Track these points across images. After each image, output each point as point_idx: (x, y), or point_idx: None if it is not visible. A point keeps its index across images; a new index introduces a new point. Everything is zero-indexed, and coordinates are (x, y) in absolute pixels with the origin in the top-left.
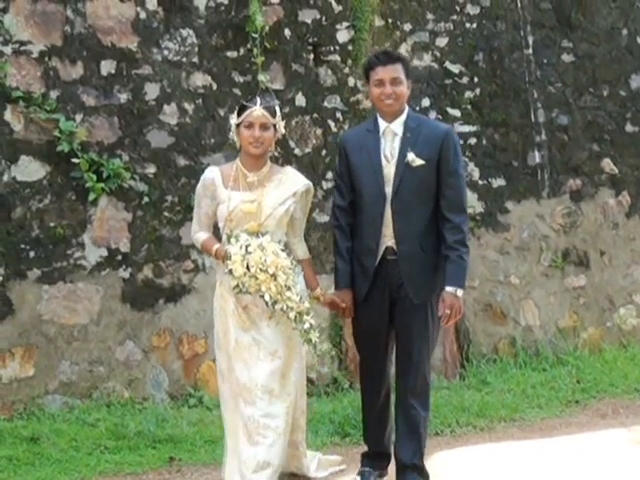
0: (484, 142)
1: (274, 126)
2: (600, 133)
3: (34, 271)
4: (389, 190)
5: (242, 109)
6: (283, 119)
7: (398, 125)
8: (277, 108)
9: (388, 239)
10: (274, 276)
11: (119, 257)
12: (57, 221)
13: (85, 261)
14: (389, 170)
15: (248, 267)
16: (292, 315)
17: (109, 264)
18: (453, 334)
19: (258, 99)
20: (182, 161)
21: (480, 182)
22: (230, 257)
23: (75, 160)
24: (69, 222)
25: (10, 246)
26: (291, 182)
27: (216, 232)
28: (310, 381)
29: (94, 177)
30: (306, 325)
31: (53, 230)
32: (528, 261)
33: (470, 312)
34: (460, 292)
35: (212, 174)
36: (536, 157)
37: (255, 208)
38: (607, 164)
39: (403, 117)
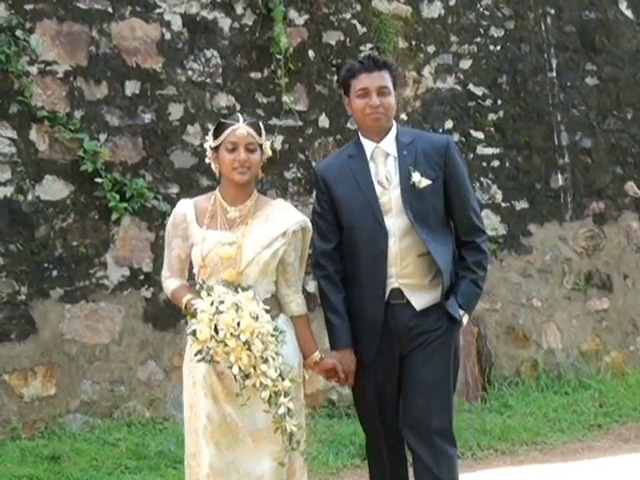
0: (507, 164)
1: (260, 147)
2: (624, 156)
3: (57, 290)
4: (392, 221)
5: (221, 128)
6: (268, 139)
7: (389, 143)
8: (261, 125)
9: (394, 280)
10: (247, 344)
11: (141, 277)
12: (80, 240)
13: (107, 280)
14: (387, 199)
15: (217, 330)
16: (265, 395)
17: (131, 284)
18: (475, 356)
19: (240, 116)
20: (205, 181)
21: (503, 204)
22: (196, 315)
23: (98, 180)
24: (92, 241)
25: (33, 265)
26: (280, 219)
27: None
28: (331, 402)
29: (117, 197)
30: (281, 410)
31: (76, 249)
32: (550, 284)
33: (492, 335)
34: (465, 319)
35: (183, 209)
36: (559, 180)
37: (234, 252)
38: (631, 187)
39: (392, 133)
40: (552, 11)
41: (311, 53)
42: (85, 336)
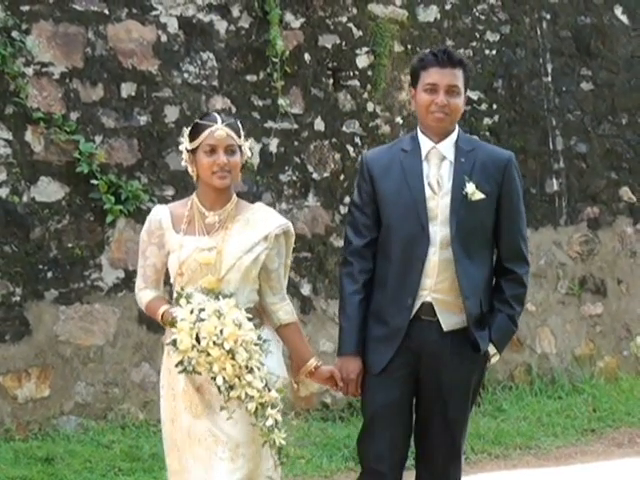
0: None
1: (240, 148)
2: (618, 161)
3: (51, 292)
4: (435, 229)
5: (197, 129)
6: (246, 140)
7: (448, 146)
8: (240, 125)
9: (427, 293)
10: (231, 353)
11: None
12: (75, 242)
13: (102, 282)
14: (435, 204)
15: (198, 339)
16: (251, 407)
17: (126, 285)
18: None
19: (218, 116)
20: None
21: None
22: (176, 324)
23: (94, 181)
24: (87, 243)
25: (28, 266)
26: (261, 223)
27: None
28: (325, 406)
29: (112, 199)
30: (269, 422)
31: (71, 251)
32: (545, 288)
33: None
34: (495, 359)
35: (159, 215)
36: (554, 184)
37: (213, 258)
38: (625, 192)
39: (453, 137)
40: (548, 16)
41: (307, 56)
42: (79, 338)
